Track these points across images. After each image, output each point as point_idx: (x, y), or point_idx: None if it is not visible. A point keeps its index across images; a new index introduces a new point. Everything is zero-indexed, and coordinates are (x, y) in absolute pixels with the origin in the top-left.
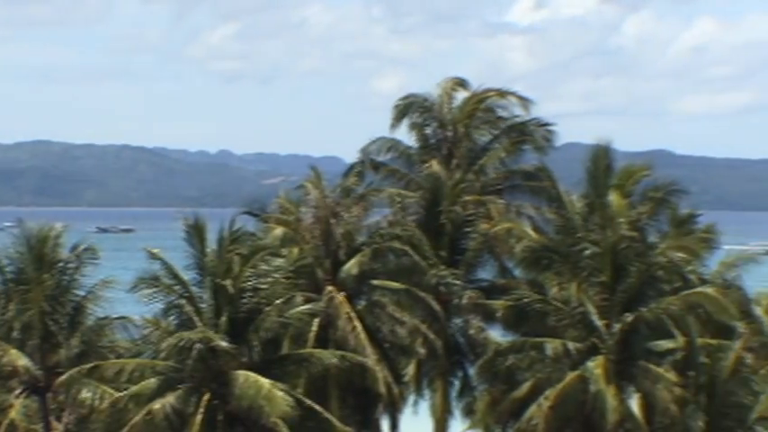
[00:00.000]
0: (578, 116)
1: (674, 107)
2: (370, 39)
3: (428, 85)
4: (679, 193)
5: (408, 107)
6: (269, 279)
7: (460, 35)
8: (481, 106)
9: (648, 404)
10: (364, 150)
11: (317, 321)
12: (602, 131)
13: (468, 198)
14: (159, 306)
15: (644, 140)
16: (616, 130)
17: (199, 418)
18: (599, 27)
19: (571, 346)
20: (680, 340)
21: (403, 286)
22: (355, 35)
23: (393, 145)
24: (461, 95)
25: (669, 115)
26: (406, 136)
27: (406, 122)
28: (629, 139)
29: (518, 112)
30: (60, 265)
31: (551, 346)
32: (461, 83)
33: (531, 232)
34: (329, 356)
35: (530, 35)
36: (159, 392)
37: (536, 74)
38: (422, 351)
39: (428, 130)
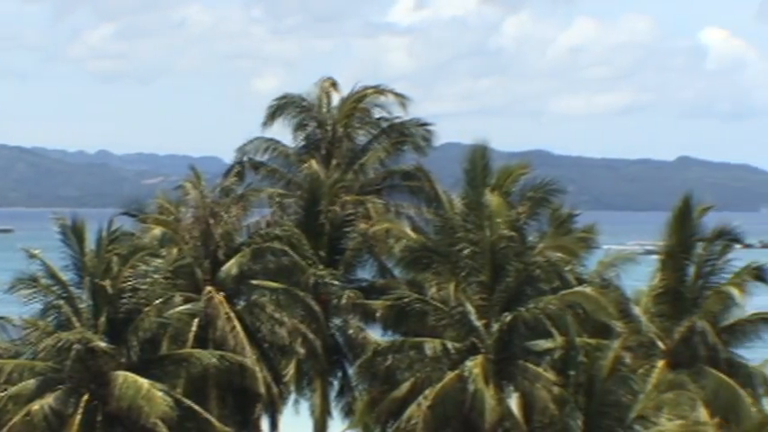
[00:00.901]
0: (458, 116)
1: (552, 107)
2: (249, 39)
3: (307, 85)
4: (557, 192)
5: (282, 107)
6: (148, 279)
7: (341, 35)
8: (360, 106)
9: (527, 403)
10: (241, 150)
11: (196, 321)
12: (482, 131)
13: (347, 198)
14: (38, 306)
15: (523, 140)
16: (495, 130)
17: (78, 418)
18: (479, 28)
19: (450, 345)
20: (559, 340)
21: (282, 286)
22: (235, 35)
23: (271, 145)
24: (339, 95)
25: (548, 115)
26: (284, 136)
27: (282, 122)
28: (508, 140)
29: (397, 112)
30: None
31: (430, 345)
32: (333, 83)
33: (410, 232)
34: (208, 356)
35: (410, 35)
36: (38, 393)
37: (416, 74)
38: (301, 351)
39: (307, 130)
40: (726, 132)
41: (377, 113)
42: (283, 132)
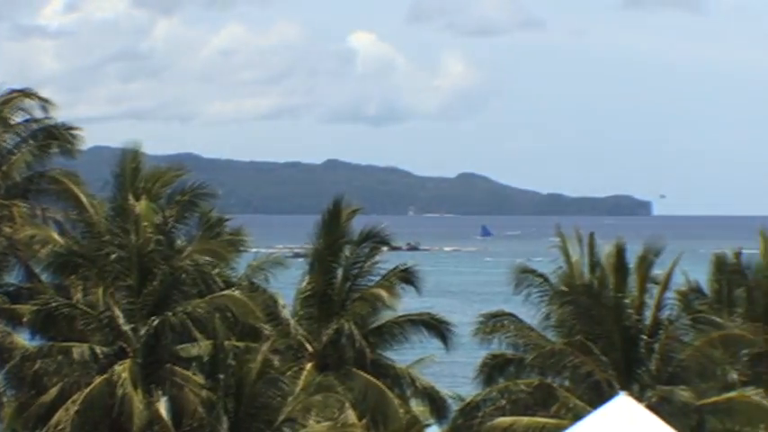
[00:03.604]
0: (108, 120)
1: (202, 111)
2: None
3: None
4: (206, 196)
5: None
6: None
7: None
8: (5, 109)
9: (176, 407)
10: None
11: None
12: (132, 135)
13: None
14: None
15: (173, 144)
16: (146, 133)
17: None
18: (130, 31)
19: (98, 350)
20: (207, 343)
21: None
22: None
23: None
24: None
25: (198, 119)
26: None
27: None
28: (159, 143)
29: (44, 115)
30: None
31: (78, 350)
32: None
33: (57, 237)
34: None
35: (60, 38)
36: None
37: (66, 77)
38: None
39: None
40: (374, 136)
41: (24, 117)
42: None
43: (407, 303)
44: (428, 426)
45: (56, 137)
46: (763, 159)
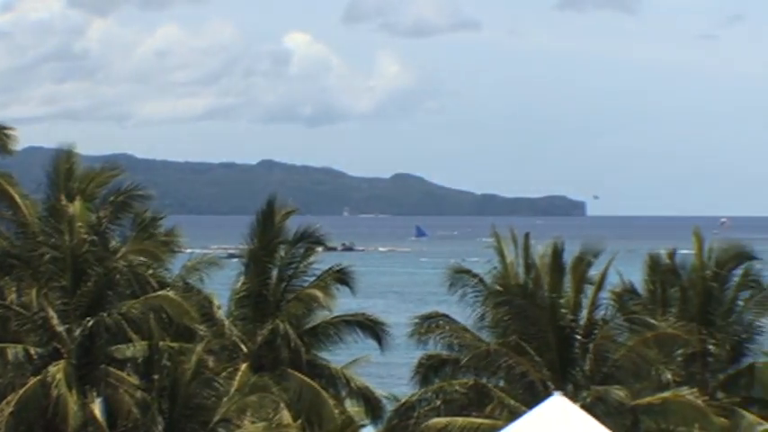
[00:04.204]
0: (43, 120)
1: (138, 111)
2: None
3: None
4: (141, 197)
5: None
6: None
7: None
8: None
9: (111, 408)
10: None
11: None
12: (67, 135)
13: None
14: None
15: (107, 145)
16: (80, 134)
17: None
18: (65, 31)
19: (33, 351)
20: (142, 344)
21: None
22: None
23: None
24: None
25: (133, 119)
26: None
27: None
28: (93, 144)
29: None
30: None
31: (13, 351)
32: None
33: None
34: None
35: None
36: None
37: (0, 78)
38: None
39: None
40: (309, 136)
41: None
42: None
43: (342, 304)
44: (363, 426)
45: None
46: (696, 160)
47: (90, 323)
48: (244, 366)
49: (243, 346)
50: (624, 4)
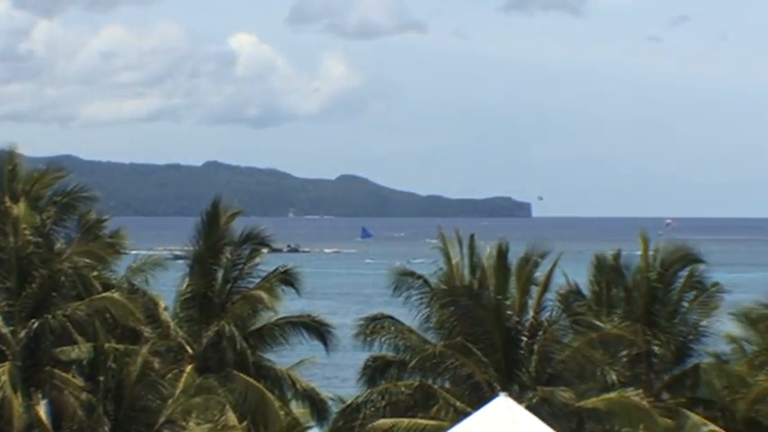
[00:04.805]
0: None
1: (82, 112)
2: None
3: None
4: (86, 198)
5: None
6: None
7: None
8: None
9: (56, 410)
10: None
11: None
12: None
13: None
14: None
15: (52, 146)
16: (25, 135)
17: None
18: (10, 32)
19: None
20: (87, 346)
21: None
22: None
23: None
24: None
25: (78, 121)
26: None
27: None
28: (38, 145)
29: None
30: None
31: None
32: None
33: None
34: None
35: None
36: None
37: None
38: None
39: None
40: (254, 137)
41: None
42: None
43: (288, 305)
44: (309, 428)
45: None
46: (640, 161)
47: (35, 325)
48: (189, 368)
49: (188, 348)
50: (570, 5)
